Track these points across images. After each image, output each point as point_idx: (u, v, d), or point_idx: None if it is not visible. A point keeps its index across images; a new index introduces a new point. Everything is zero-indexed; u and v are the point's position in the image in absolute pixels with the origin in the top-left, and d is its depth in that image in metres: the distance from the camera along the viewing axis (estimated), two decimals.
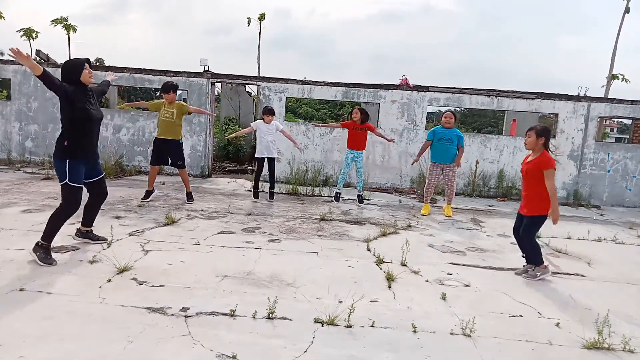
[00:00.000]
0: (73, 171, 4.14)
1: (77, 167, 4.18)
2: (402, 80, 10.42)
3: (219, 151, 13.43)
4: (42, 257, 4.02)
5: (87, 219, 4.68)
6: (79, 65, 4.19)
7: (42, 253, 4.06)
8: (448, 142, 7.43)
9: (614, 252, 5.95)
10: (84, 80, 4.20)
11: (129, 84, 10.97)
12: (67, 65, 4.24)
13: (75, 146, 4.16)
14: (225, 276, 4.01)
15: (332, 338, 3.03)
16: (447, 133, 7.45)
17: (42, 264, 3.98)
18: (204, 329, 3.02)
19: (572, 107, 10.19)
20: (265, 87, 10.35)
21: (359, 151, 8.02)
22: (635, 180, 10.28)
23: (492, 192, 10.21)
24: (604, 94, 20.67)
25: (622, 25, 23.31)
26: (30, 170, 9.49)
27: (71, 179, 4.14)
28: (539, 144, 4.56)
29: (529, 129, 4.68)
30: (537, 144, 4.57)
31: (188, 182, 7.38)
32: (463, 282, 4.32)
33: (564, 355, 3.04)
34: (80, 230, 4.73)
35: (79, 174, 4.20)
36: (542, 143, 4.56)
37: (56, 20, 31.24)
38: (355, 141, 7.98)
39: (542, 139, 4.54)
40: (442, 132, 7.48)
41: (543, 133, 4.55)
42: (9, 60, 10.96)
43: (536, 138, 4.56)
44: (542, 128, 4.62)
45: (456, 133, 7.53)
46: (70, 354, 2.63)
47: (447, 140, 7.42)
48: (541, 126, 4.68)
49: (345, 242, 5.46)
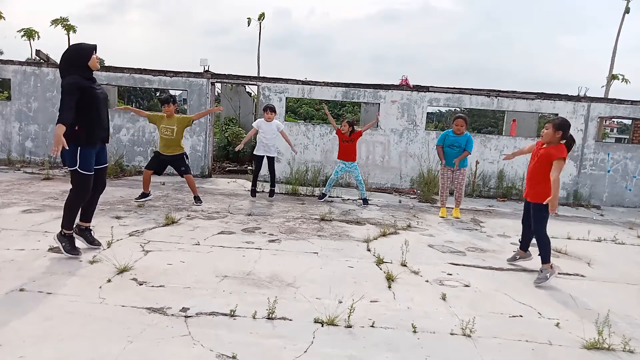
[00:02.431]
0: (84, 158, 4.11)
1: (89, 154, 4.15)
2: (402, 80, 10.43)
3: (219, 151, 13.44)
4: (68, 249, 4.09)
5: (85, 212, 4.51)
6: (89, 50, 4.12)
7: (68, 244, 4.11)
8: (458, 149, 7.33)
9: (614, 252, 5.95)
10: (91, 66, 4.15)
11: (129, 84, 10.97)
12: (76, 49, 4.14)
13: (88, 131, 4.11)
14: (225, 276, 4.01)
15: (332, 338, 3.03)
16: (458, 140, 7.34)
17: (67, 254, 4.04)
18: (204, 329, 3.02)
19: (572, 107, 10.20)
20: (265, 87, 10.36)
21: (350, 162, 8.05)
22: (635, 181, 10.28)
23: (492, 192, 10.22)
24: (604, 94, 20.69)
25: (622, 25, 23.32)
26: (30, 170, 9.49)
27: (82, 166, 4.11)
28: (555, 138, 4.41)
29: (548, 121, 4.51)
30: (554, 137, 4.42)
31: (195, 186, 7.14)
32: (463, 282, 4.32)
33: (564, 355, 3.04)
34: (79, 227, 4.52)
35: (90, 161, 4.16)
36: (559, 137, 4.40)
37: (56, 21, 31.21)
38: (345, 153, 8.03)
39: (560, 132, 4.39)
40: (453, 139, 7.36)
41: (561, 127, 4.39)
42: (9, 60, 10.98)
43: (554, 131, 4.40)
44: (561, 121, 4.44)
45: (467, 138, 7.38)
46: (70, 354, 2.63)
47: (457, 147, 7.33)
48: (560, 119, 4.50)
49: (345, 242, 5.46)
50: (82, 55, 4.11)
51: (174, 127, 6.83)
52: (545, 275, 4.39)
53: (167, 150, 6.91)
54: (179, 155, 7.00)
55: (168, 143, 6.88)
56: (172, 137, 6.84)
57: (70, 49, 4.16)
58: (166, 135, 6.84)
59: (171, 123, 6.85)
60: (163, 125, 6.86)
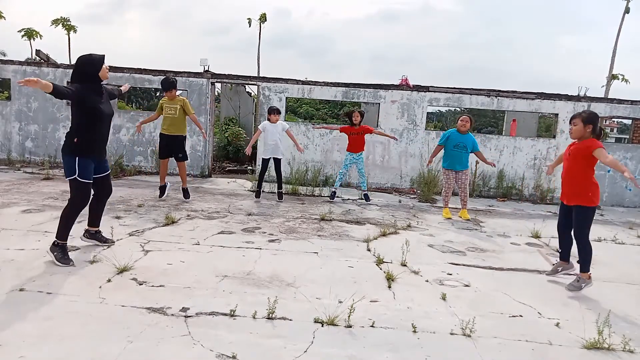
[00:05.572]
0: (83, 168, 4.13)
1: (87, 163, 4.17)
2: (402, 80, 10.42)
3: (219, 151, 13.44)
4: (60, 257, 4.06)
5: (93, 218, 4.63)
6: (98, 61, 4.16)
7: (60, 253, 4.09)
8: (463, 149, 7.29)
9: (614, 252, 5.95)
10: (102, 76, 4.20)
11: (129, 84, 10.95)
12: (85, 60, 4.16)
13: (86, 144, 4.14)
14: (225, 276, 4.01)
15: (332, 338, 3.03)
16: (463, 139, 7.28)
17: (59, 264, 4.00)
18: (204, 329, 3.02)
19: (572, 107, 10.19)
20: (265, 87, 10.35)
21: (358, 153, 8.22)
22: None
23: (492, 192, 10.22)
24: (604, 94, 20.69)
25: (622, 25, 23.33)
26: (30, 170, 9.49)
27: (80, 175, 4.13)
28: (587, 132, 4.07)
29: (574, 117, 4.15)
30: (584, 132, 4.07)
31: (185, 177, 7.42)
32: (463, 282, 4.32)
33: (564, 355, 3.04)
34: (88, 231, 4.67)
35: (88, 170, 4.19)
36: (590, 131, 4.06)
37: (56, 21, 31.22)
38: (354, 145, 8.20)
39: (590, 126, 4.05)
40: (458, 138, 7.28)
41: (590, 120, 4.05)
42: (9, 60, 10.98)
43: (583, 126, 4.06)
44: (589, 114, 4.09)
45: (471, 139, 7.37)
46: (70, 354, 2.63)
47: (462, 147, 7.28)
48: (588, 112, 4.13)
49: (345, 242, 5.46)
50: (92, 66, 4.15)
51: (176, 106, 7.19)
52: (581, 285, 4.12)
53: (171, 129, 7.18)
54: (181, 137, 7.27)
55: (172, 122, 7.18)
56: (175, 116, 7.17)
57: (80, 60, 4.19)
58: (170, 114, 7.18)
59: (173, 103, 7.21)
60: (166, 105, 7.20)
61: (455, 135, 7.33)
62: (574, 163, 4.22)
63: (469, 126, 7.34)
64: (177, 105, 7.16)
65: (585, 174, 4.15)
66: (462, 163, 7.38)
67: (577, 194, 4.22)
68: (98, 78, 4.19)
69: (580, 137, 4.18)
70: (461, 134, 7.29)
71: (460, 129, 7.29)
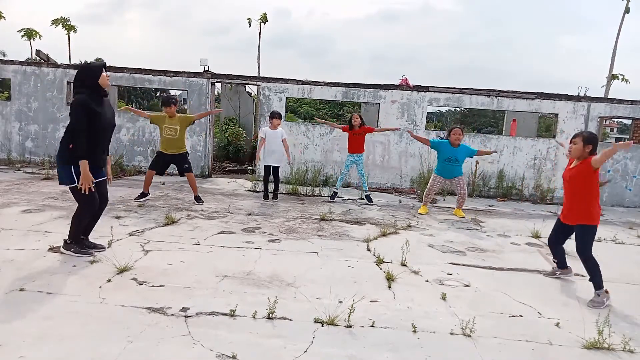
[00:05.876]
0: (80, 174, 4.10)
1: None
2: (402, 80, 10.43)
3: (219, 151, 13.45)
4: (78, 250, 4.20)
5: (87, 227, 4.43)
6: (97, 69, 4.14)
7: (77, 247, 4.21)
8: (454, 162, 7.37)
9: (614, 252, 5.94)
10: (102, 84, 4.16)
11: (129, 84, 10.97)
12: (85, 70, 4.18)
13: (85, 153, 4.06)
14: (225, 276, 4.01)
15: (332, 338, 3.03)
16: (455, 153, 7.32)
17: (80, 256, 4.15)
18: (204, 329, 3.02)
19: (572, 107, 10.19)
20: (265, 87, 10.35)
21: (358, 154, 8.26)
22: (635, 180, 10.28)
23: (492, 192, 10.22)
24: (604, 94, 20.70)
25: (622, 25, 23.34)
26: (30, 170, 9.50)
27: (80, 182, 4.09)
28: (585, 152, 4.14)
29: (575, 136, 4.24)
30: (583, 151, 4.14)
31: (195, 186, 7.19)
32: (463, 282, 4.32)
33: (564, 355, 3.04)
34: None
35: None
36: (589, 151, 4.13)
37: (56, 21, 31.23)
38: (354, 145, 8.23)
39: (590, 146, 4.12)
40: (450, 152, 7.33)
41: (590, 140, 4.12)
42: (9, 60, 10.98)
43: (583, 146, 4.13)
44: (590, 135, 4.19)
45: (464, 151, 7.40)
46: (70, 354, 2.63)
47: (454, 161, 7.36)
48: (589, 133, 4.24)
49: (345, 242, 5.46)
50: (92, 74, 4.13)
51: (176, 127, 6.96)
52: (602, 300, 4.02)
53: (170, 149, 7.02)
54: (182, 154, 7.11)
55: (172, 143, 6.98)
56: (175, 137, 6.97)
57: (81, 70, 4.19)
58: (169, 135, 6.96)
59: (174, 123, 6.96)
60: (166, 125, 6.97)
61: (447, 149, 7.37)
62: (574, 185, 4.25)
63: (462, 138, 7.46)
64: (177, 126, 6.92)
65: (591, 194, 4.19)
66: (454, 173, 7.48)
67: (579, 212, 4.23)
68: (99, 85, 4.15)
69: (579, 157, 4.23)
70: (454, 147, 7.35)
71: (454, 142, 7.34)
